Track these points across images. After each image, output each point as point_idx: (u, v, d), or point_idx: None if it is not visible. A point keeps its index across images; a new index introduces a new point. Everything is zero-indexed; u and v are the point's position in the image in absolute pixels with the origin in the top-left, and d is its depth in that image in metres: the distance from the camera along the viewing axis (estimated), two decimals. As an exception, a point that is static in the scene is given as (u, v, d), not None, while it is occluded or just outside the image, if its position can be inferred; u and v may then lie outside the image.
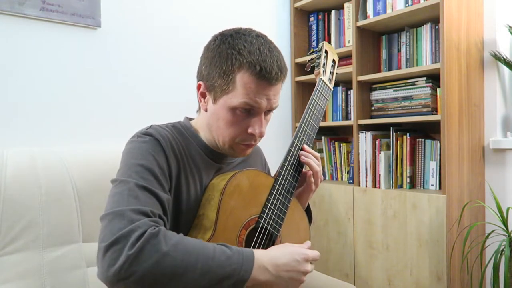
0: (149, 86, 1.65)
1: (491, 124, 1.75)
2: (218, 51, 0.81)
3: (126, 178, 0.74)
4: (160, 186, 0.76)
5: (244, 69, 0.78)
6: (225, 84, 0.80)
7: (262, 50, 0.79)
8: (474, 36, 1.71)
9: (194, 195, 0.86)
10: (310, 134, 0.96)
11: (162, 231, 0.68)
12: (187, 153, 0.86)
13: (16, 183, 1.03)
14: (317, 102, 0.99)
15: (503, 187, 1.73)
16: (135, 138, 0.82)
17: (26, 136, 1.34)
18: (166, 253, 0.66)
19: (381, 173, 1.75)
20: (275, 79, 0.80)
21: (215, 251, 0.69)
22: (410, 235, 1.62)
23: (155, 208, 0.73)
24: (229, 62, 0.79)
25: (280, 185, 0.89)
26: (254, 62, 0.78)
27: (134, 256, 0.64)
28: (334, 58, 1.10)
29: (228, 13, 1.91)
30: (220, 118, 0.83)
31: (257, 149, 1.09)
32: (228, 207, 0.81)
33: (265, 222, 0.85)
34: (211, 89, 0.83)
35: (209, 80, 0.82)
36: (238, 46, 0.79)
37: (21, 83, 1.34)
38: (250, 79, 0.78)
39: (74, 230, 1.10)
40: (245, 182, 0.85)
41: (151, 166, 0.76)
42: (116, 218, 0.68)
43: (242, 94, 0.79)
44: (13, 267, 0.99)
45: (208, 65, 0.82)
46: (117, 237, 0.65)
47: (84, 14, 1.44)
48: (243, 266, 0.70)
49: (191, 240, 0.70)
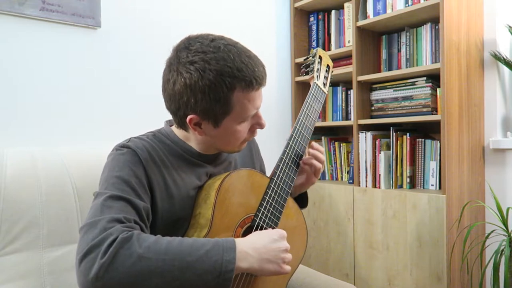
0: (149, 86, 1.65)
1: (491, 124, 1.75)
2: (207, 84, 0.77)
3: (102, 191, 0.76)
4: (137, 196, 0.77)
5: (238, 88, 0.79)
6: (223, 108, 0.80)
7: (245, 61, 0.79)
8: (474, 36, 1.71)
9: (186, 196, 0.86)
10: (305, 136, 0.99)
11: (136, 235, 0.69)
12: (170, 159, 0.86)
13: (16, 183, 1.03)
14: (312, 105, 1.02)
15: (503, 187, 1.73)
16: (114, 151, 0.84)
17: (26, 136, 1.34)
18: (140, 256, 0.66)
19: (381, 173, 1.75)
20: (264, 80, 0.83)
21: (192, 247, 0.70)
22: (410, 235, 1.62)
23: (129, 214, 0.73)
24: (223, 89, 0.78)
25: (276, 185, 0.90)
26: (245, 78, 0.78)
27: (108, 263, 0.64)
28: (328, 64, 1.14)
29: (228, 13, 1.91)
30: (230, 135, 0.85)
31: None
32: (223, 205, 0.82)
33: (260, 220, 0.87)
34: (208, 118, 0.82)
35: (205, 112, 0.81)
36: (223, 70, 0.77)
37: (21, 83, 1.34)
38: (245, 96, 0.80)
39: (74, 230, 1.10)
40: (240, 181, 0.86)
41: (127, 177, 0.77)
42: (90, 229, 0.69)
43: (244, 110, 0.82)
44: (13, 267, 0.99)
45: (200, 99, 0.79)
46: (89, 247, 0.66)
47: (84, 14, 1.44)
48: (224, 256, 0.70)
49: (167, 239, 0.71)
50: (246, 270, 0.74)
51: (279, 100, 2.15)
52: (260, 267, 0.74)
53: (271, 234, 0.79)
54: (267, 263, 0.75)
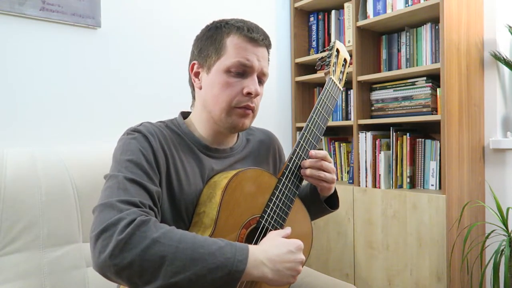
0: (149, 85, 1.65)
1: (491, 124, 1.75)
2: (207, 29, 0.91)
3: (115, 173, 0.76)
4: (149, 179, 0.77)
5: (232, 33, 0.87)
6: (217, 49, 0.87)
7: (245, 21, 0.90)
8: (474, 36, 1.71)
9: (187, 188, 0.85)
10: (316, 134, 0.94)
11: (153, 220, 0.69)
12: (178, 149, 0.87)
13: (16, 183, 1.03)
14: (326, 102, 0.97)
15: (503, 187, 1.73)
16: (125, 135, 0.84)
17: (26, 136, 1.34)
18: (155, 239, 0.66)
19: (381, 173, 1.75)
20: (261, 40, 0.88)
21: (206, 241, 0.69)
22: (410, 235, 1.62)
23: (144, 199, 0.74)
24: (219, 31, 0.88)
25: (284, 185, 0.88)
26: (241, 26, 0.87)
27: (124, 241, 0.65)
28: (345, 58, 1.08)
29: (228, 13, 1.91)
30: (215, 84, 0.87)
31: (268, 142, 1.06)
32: (229, 205, 0.81)
33: (266, 222, 0.85)
34: (204, 62, 0.89)
35: (202, 54, 0.89)
36: (225, 20, 0.90)
37: (21, 83, 1.34)
38: (239, 40, 0.86)
39: (74, 230, 1.10)
40: (247, 181, 0.84)
41: (139, 161, 0.78)
42: (105, 209, 0.70)
43: (234, 54, 0.85)
44: (13, 267, 0.99)
45: (199, 43, 0.91)
46: (106, 225, 0.67)
47: (84, 14, 1.44)
48: (237, 256, 0.69)
49: (182, 230, 0.71)
50: (258, 279, 0.71)
51: (279, 100, 2.15)
52: (273, 278, 0.72)
53: (289, 244, 0.76)
54: (281, 275, 0.73)
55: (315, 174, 0.91)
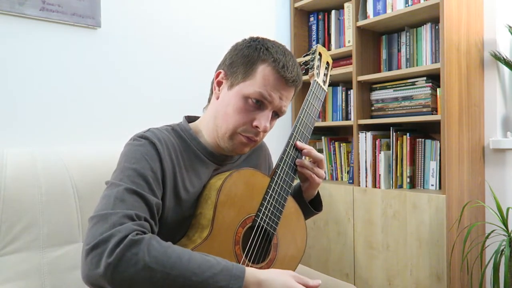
0: (149, 85, 1.65)
1: (491, 124, 1.75)
2: (247, 45, 0.88)
3: (117, 181, 0.75)
4: (150, 190, 0.76)
5: (267, 62, 0.84)
6: (246, 71, 0.85)
7: (286, 54, 0.87)
8: (474, 36, 1.71)
9: (193, 196, 0.86)
10: (305, 134, 0.97)
11: (146, 240, 0.68)
12: (184, 156, 0.87)
13: (16, 183, 1.03)
14: (312, 103, 1.00)
15: (503, 187, 1.73)
16: (131, 141, 0.83)
17: (26, 136, 1.34)
18: (145, 265, 0.65)
19: (381, 173, 1.75)
20: (291, 80, 0.86)
21: (200, 267, 0.67)
22: (410, 235, 1.62)
23: (141, 211, 0.73)
24: (255, 53, 0.85)
25: (277, 184, 0.90)
26: (278, 59, 0.84)
27: (113, 265, 0.64)
28: (328, 61, 1.12)
29: (228, 12, 1.91)
30: (230, 104, 0.85)
31: (261, 145, 1.10)
32: (224, 205, 0.82)
33: (261, 220, 0.86)
34: (230, 76, 0.87)
35: (231, 68, 0.87)
36: (267, 45, 0.87)
37: (21, 83, 1.34)
38: (271, 72, 0.84)
39: (74, 230, 1.10)
40: (241, 181, 0.86)
41: (142, 170, 0.77)
42: (100, 221, 0.69)
43: (259, 84, 0.84)
44: (13, 267, 0.99)
45: (235, 55, 0.88)
46: (97, 241, 0.66)
47: (84, 14, 1.44)
48: (231, 284, 0.67)
49: (177, 252, 0.69)
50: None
51: (279, 100, 2.15)
52: None
53: (286, 280, 0.73)
54: None
55: (309, 166, 0.95)
